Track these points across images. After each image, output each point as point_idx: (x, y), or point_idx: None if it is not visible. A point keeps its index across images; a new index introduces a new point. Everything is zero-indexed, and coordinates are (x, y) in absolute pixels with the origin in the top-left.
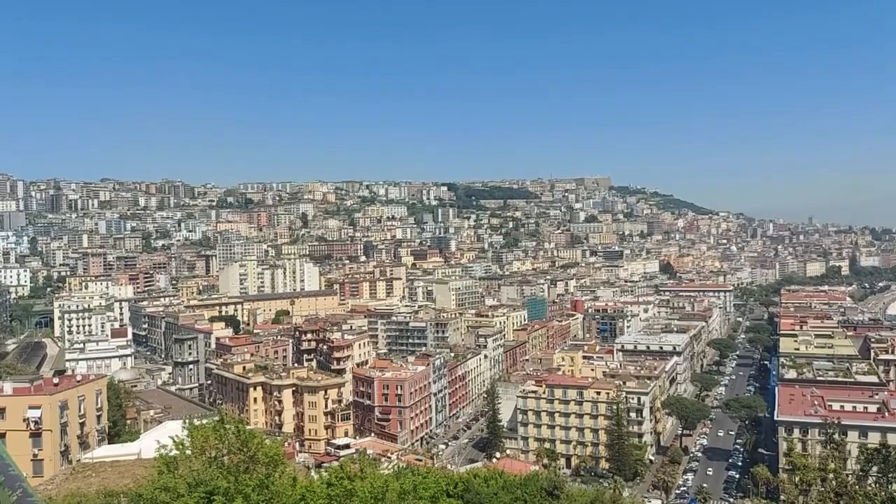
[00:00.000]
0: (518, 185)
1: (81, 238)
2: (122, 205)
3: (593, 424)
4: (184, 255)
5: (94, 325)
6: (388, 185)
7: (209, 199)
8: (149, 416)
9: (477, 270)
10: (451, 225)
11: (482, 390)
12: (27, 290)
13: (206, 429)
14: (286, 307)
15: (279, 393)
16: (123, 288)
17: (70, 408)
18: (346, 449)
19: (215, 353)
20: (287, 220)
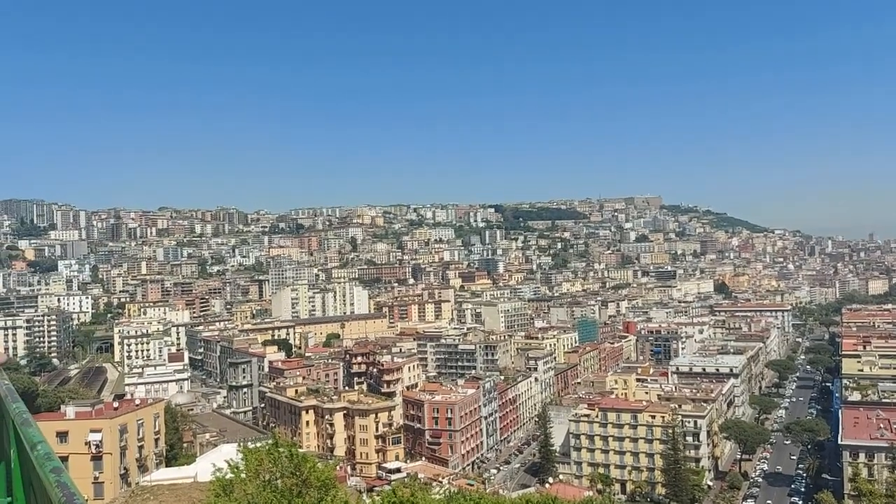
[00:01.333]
0: (566, 205)
1: (140, 265)
2: (178, 232)
3: (648, 449)
4: (238, 280)
5: (153, 350)
6: (436, 208)
7: (262, 226)
8: (204, 439)
9: (526, 292)
10: (499, 247)
11: (533, 414)
12: (89, 316)
13: (260, 452)
14: (336, 330)
15: (331, 416)
16: (180, 313)
17: (129, 431)
18: (397, 473)
19: (268, 377)
20: (337, 245)
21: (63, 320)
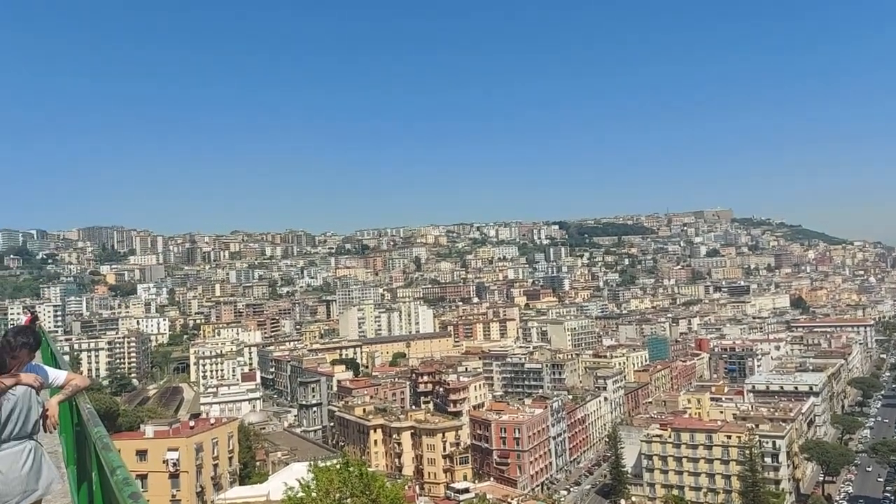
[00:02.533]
0: (633, 220)
1: (214, 287)
2: (250, 255)
3: (725, 470)
4: (306, 300)
5: (227, 370)
6: (498, 226)
7: (329, 247)
8: (276, 457)
9: (593, 310)
10: (564, 264)
11: (603, 434)
12: (166, 337)
13: (330, 471)
14: (402, 349)
15: (398, 435)
16: (252, 333)
17: (205, 450)
18: (465, 493)
19: (337, 396)
20: (401, 264)
21: (142, 342)
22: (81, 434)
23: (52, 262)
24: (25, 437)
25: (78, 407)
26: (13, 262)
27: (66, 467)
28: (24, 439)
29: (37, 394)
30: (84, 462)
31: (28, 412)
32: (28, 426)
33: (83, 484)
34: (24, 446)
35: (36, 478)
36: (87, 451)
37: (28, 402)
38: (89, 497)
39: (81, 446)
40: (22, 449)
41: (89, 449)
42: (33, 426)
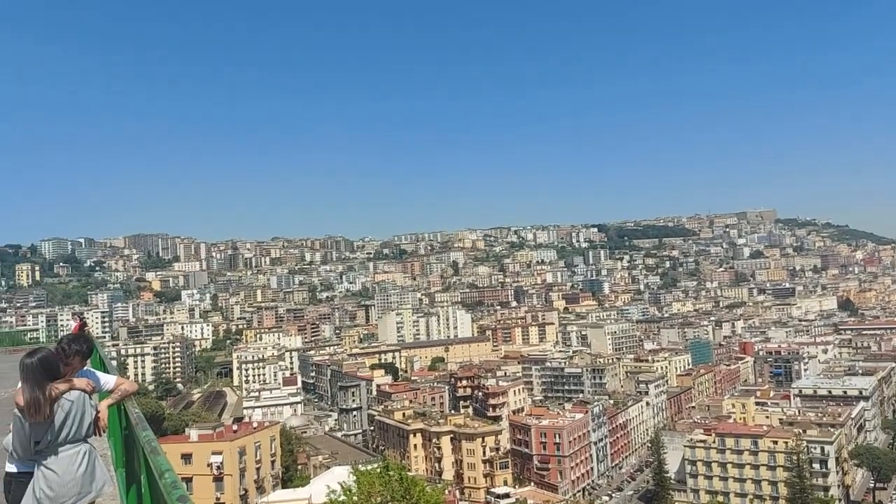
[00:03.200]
0: (673, 222)
1: (256, 293)
2: (290, 261)
3: (771, 476)
4: (346, 305)
5: (268, 375)
6: (536, 230)
7: (367, 252)
8: (318, 461)
9: (633, 313)
10: (604, 267)
11: (645, 439)
12: (209, 342)
13: (371, 475)
14: (441, 354)
15: (438, 440)
16: (293, 338)
17: (248, 453)
18: (505, 498)
19: (376, 400)
20: (439, 269)
21: (186, 347)
22: (130, 437)
23: (100, 269)
24: (80, 441)
25: (126, 411)
26: (62, 270)
27: (115, 470)
28: (78, 442)
29: (90, 398)
30: (133, 465)
31: (82, 416)
32: (82, 430)
33: (132, 486)
34: (78, 449)
35: (90, 480)
36: (136, 455)
37: (82, 406)
38: (138, 499)
39: (130, 449)
40: (77, 451)
41: (137, 452)
42: (87, 430)
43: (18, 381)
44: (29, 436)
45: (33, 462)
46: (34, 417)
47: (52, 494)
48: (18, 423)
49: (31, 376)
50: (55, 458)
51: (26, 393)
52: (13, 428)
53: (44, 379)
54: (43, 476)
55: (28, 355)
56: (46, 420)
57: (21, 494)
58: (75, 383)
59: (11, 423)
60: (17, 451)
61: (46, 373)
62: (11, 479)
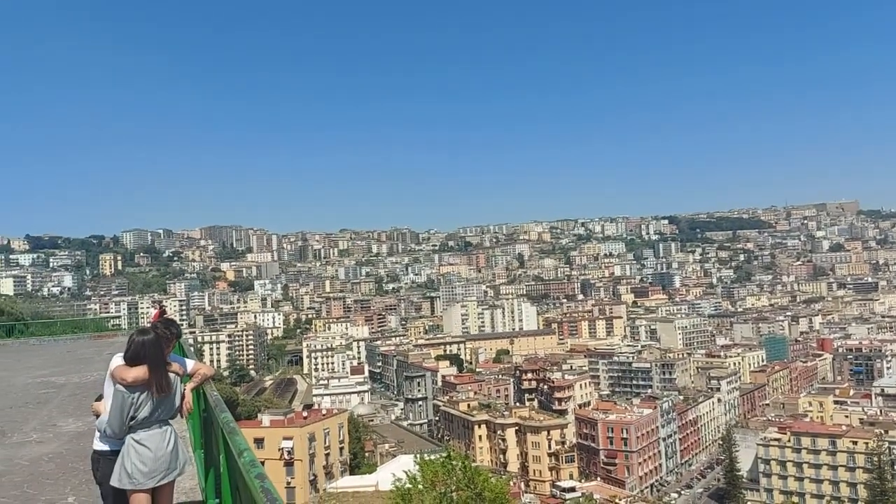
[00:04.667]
0: (748, 214)
1: (324, 284)
2: (357, 252)
3: (850, 478)
4: (411, 297)
5: (337, 363)
6: (604, 222)
7: (432, 244)
8: (384, 449)
9: (705, 307)
10: (674, 260)
11: (716, 436)
12: (281, 331)
13: (435, 464)
14: (506, 346)
15: (503, 432)
16: (360, 328)
17: (317, 440)
18: (571, 492)
19: (441, 391)
20: (504, 261)
21: (259, 335)
22: (208, 420)
23: (178, 259)
24: (167, 420)
25: (205, 394)
26: (143, 260)
27: (193, 451)
28: (165, 422)
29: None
30: (210, 446)
31: (173, 398)
32: (172, 410)
33: (210, 466)
34: (166, 428)
35: (176, 457)
36: (214, 436)
37: (175, 388)
38: (216, 479)
39: (208, 431)
40: (166, 430)
41: (215, 433)
42: (174, 411)
43: (112, 361)
44: (129, 412)
45: (122, 441)
46: (159, 393)
47: (146, 469)
48: (120, 399)
49: (153, 353)
50: (148, 434)
51: (152, 369)
52: (112, 405)
53: (163, 356)
54: (136, 451)
55: (142, 333)
56: (162, 396)
57: (109, 471)
58: (173, 366)
59: (109, 401)
60: (114, 430)
61: (162, 351)
62: (100, 456)
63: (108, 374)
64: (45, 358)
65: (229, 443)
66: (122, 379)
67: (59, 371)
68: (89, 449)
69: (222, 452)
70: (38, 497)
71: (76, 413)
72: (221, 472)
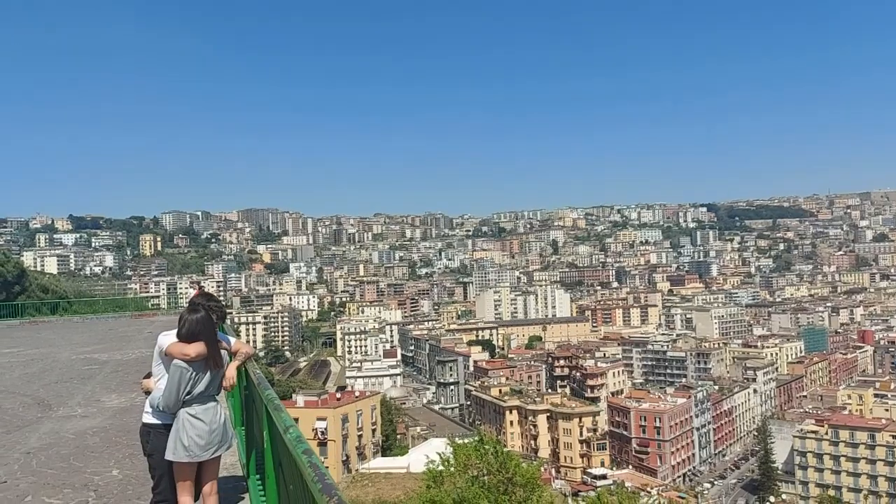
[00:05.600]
0: (789, 202)
1: (358, 267)
2: (391, 237)
3: (889, 472)
4: (444, 282)
5: (370, 346)
6: (641, 208)
7: (466, 230)
8: (416, 432)
9: (743, 297)
10: (712, 248)
11: (751, 427)
12: (315, 313)
13: (468, 448)
14: (539, 333)
15: (534, 418)
16: (393, 312)
17: (350, 421)
18: (602, 479)
19: (473, 376)
20: (538, 247)
21: (294, 317)
22: (249, 397)
23: (215, 241)
24: (215, 397)
25: (247, 372)
26: (181, 241)
27: (233, 428)
28: (215, 397)
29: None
30: (252, 423)
31: (221, 374)
32: (219, 387)
33: (251, 442)
34: (217, 403)
35: (226, 431)
36: (256, 413)
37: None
38: (257, 455)
39: (249, 408)
40: (217, 405)
41: (258, 410)
42: (218, 388)
43: (161, 339)
44: (186, 387)
45: (173, 416)
46: (216, 367)
47: (202, 442)
48: (179, 373)
49: (208, 328)
50: (202, 409)
51: (210, 343)
52: (170, 380)
53: (215, 333)
54: (192, 425)
55: (194, 311)
56: (217, 371)
57: (160, 444)
58: (222, 344)
59: (159, 378)
60: (168, 404)
61: (214, 328)
62: (150, 429)
63: (157, 352)
64: (87, 335)
65: (274, 419)
66: (185, 354)
67: (101, 348)
68: (132, 424)
69: (266, 429)
70: (83, 469)
71: (119, 389)
72: (265, 448)
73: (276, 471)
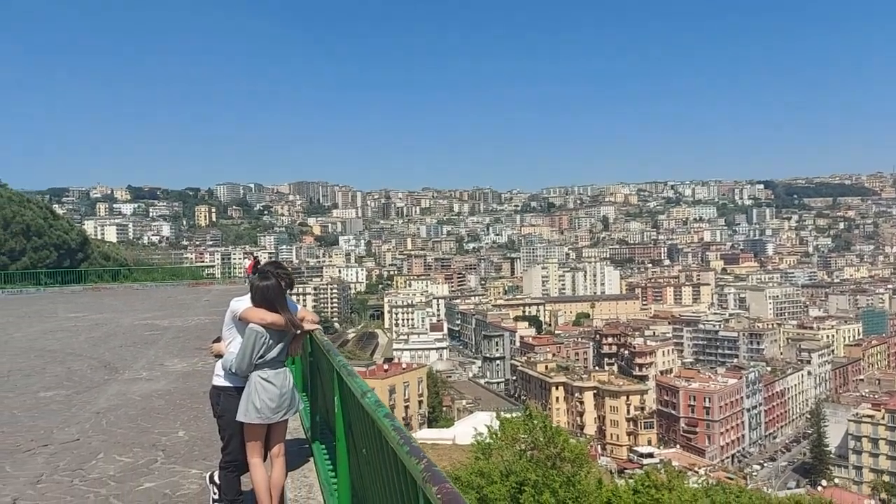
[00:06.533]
0: (851, 180)
1: (406, 241)
2: (439, 211)
3: None
4: (491, 257)
5: (416, 319)
6: (695, 185)
7: (514, 205)
8: (461, 405)
9: (799, 277)
10: (768, 226)
11: (804, 410)
12: (363, 286)
13: (515, 422)
14: (586, 310)
15: (580, 394)
16: (440, 286)
17: (397, 392)
18: (649, 458)
19: (520, 351)
20: (588, 224)
21: (343, 289)
22: (314, 364)
23: (268, 213)
24: (283, 362)
25: (314, 339)
26: (235, 213)
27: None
28: (283, 363)
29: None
30: (315, 389)
31: (289, 341)
32: (286, 353)
33: (315, 408)
34: (285, 368)
35: (294, 396)
36: (319, 379)
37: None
38: (321, 420)
39: (314, 375)
40: (285, 370)
41: (323, 377)
42: (287, 353)
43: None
44: (259, 351)
45: (244, 379)
46: (289, 333)
47: (273, 405)
48: (253, 338)
49: (279, 296)
50: (273, 373)
51: (281, 311)
52: (244, 344)
53: (285, 300)
54: (263, 388)
55: (264, 278)
56: (289, 335)
57: (230, 405)
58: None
59: (229, 342)
60: (241, 368)
61: (284, 296)
62: (221, 391)
63: (228, 316)
64: (148, 302)
65: (349, 385)
66: (262, 319)
67: (161, 315)
68: (195, 388)
69: (337, 394)
70: (151, 430)
71: (181, 354)
72: (336, 413)
73: (347, 435)
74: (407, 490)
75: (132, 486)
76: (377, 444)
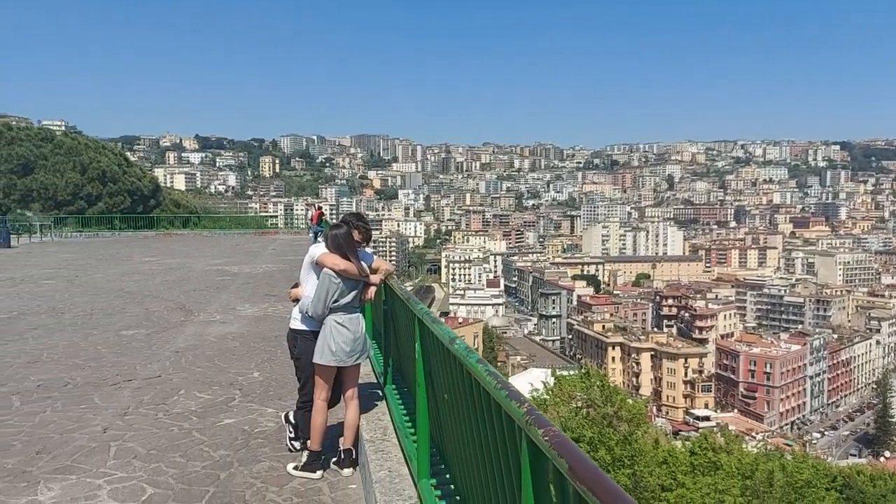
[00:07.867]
0: None
1: (465, 196)
2: (499, 167)
3: None
4: (551, 214)
5: (473, 275)
6: (767, 145)
7: (576, 161)
8: (516, 361)
9: (873, 243)
10: (843, 189)
11: (871, 380)
12: (421, 240)
13: (572, 379)
14: (647, 270)
15: (637, 355)
16: (498, 243)
17: None
18: (706, 421)
19: (576, 310)
20: (652, 182)
21: (401, 243)
22: (388, 312)
23: (329, 165)
24: (356, 308)
25: (390, 288)
26: (298, 164)
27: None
28: (356, 308)
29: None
30: (389, 336)
31: (362, 288)
32: (360, 300)
33: (388, 355)
34: (359, 314)
35: (366, 341)
36: (393, 326)
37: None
38: (394, 366)
39: (387, 322)
40: (359, 316)
41: (398, 324)
42: (361, 300)
43: (313, 249)
44: (334, 296)
45: (320, 323)
46: (363, 278)
47: (348, 349)
48: (327, 283)
49: (349, 243)
50: (348, 318)
51: (355, 256)
52: (319, 288)
53: (355, 248)
54: (339, 332)
55: (337, 226)
56: (363, 281)
57: (306, 348)
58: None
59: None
60: (317, 312)
61: (355, 244)
62: (298, 335)
63: (307, 261)
64: (217, 249)
65: (435, 332)
66: (335, 265)
67: (231, 261)
68: (267, 332)
69: (418, 340)
70: (227, 370)
71: (251, 300)
72: (417, 360)
73: (427, 382)
74: (504, 434)
75: (213, 422)
76: (465, 390)
